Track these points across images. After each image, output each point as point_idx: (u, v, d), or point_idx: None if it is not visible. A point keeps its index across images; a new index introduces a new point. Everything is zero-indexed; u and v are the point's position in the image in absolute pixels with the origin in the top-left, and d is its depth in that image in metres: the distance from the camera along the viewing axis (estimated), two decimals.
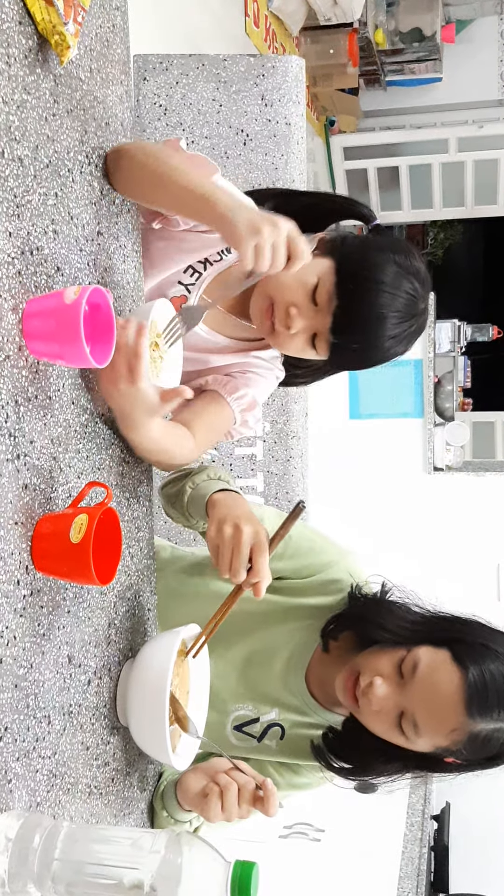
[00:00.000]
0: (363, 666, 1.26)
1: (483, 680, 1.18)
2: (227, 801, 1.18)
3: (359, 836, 3.28)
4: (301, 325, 1.28)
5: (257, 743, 1.40)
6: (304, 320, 1.28)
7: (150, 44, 2.67)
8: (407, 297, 1.27)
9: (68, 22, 0.96)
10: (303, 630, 1.38)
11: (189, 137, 2.12)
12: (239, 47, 4.68)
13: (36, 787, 0.96)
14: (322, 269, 1.27)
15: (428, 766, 1.29)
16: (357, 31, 5.82)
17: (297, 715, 1.38)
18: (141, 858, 0.86)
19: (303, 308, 1.28)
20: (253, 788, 1.18)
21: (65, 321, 0.92)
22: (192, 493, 1.30)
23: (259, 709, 1.39)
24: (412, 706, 1.20)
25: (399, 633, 1.27)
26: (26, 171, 0.95)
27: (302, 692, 1.37)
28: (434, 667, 1.20)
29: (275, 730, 1.39)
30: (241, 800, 1.18)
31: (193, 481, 1.31)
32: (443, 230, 7.88)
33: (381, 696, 1.22)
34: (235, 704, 1.40)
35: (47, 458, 0.99)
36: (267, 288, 1.31)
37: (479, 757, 1.23)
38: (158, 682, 1.11)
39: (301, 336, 1.29)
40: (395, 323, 1.27)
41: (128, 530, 1.24)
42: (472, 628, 1.26)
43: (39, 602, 0.97)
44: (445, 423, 4.54)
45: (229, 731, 1.40)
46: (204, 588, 1.43)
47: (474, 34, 6.68)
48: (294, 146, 2.15)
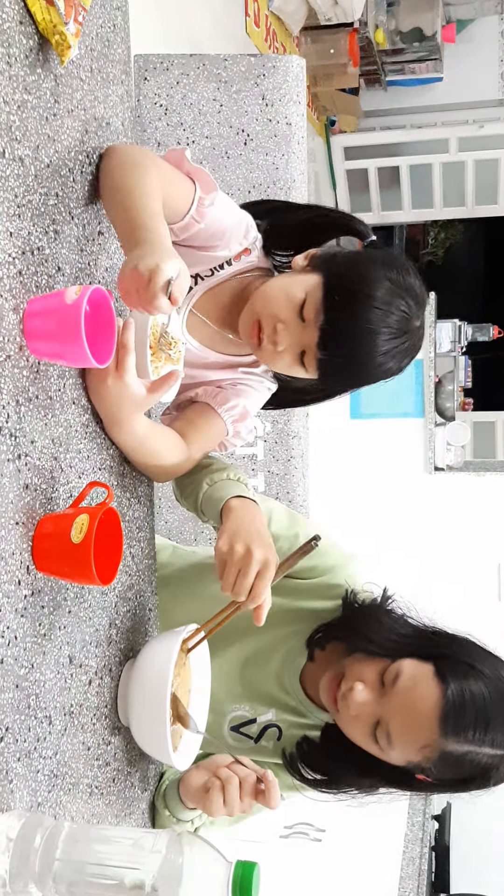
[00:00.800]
0: (347, 670, 1.25)
1: (462, 699, 1.16)
2: (229, 795, 1.18)
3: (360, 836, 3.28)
4: (288, 342, 1.25)
5: (254, 744, 1.40)
6: (291, 336, 1.25)
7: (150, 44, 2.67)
8: (399, 313, 1.22)
9: (69, 22, 0.96)
10: (300, 633, 1.37)
11: (189, 137, 2.12)
12: (239, 47, 4.68)
13: (37, 788, 0.96)
14: (310, 284, 1.24)
15: (400, 783, 1.27)
16: (357, 31, 5.82)
17: (294, 716, 1.38)
18: (142, 858, 0.86)
19: (290, 324, 1.25)
20: (254, 781, 1.19)
21: (66, 321, 0.92)
22: (208, 491, 1.29)
23: (256, 709, 1.39)
24: (388, 716, 1.20)
25: (385, 646, 1.26)
26: (27, 171, 0.95)
27: (297, 693, 1.37)
28: (415, 679, 1.19)
29: (272, 730, 1.39)
30: (243, 793, 1.18)
31: (212, 478, 1.30)
32: (443, 230, 7.88)
33: (360, 702, 1.21)
34: (232, 705, 1.40)
35: (48, 458, 0.99)
36: (255, 304, 1.29)
37: (449, 777, 1.20)
38: (159, 681, 1.11)
39: (289, 353, 1.26)
40: (386, 339, 1.22)
41: (129, 530, 1.24)
42: (461, 645, 1.24)
43: (40, 602, 0.97)
44: (446, 422, 4.54)
45: (226, 731, 1.40)
46: (204, 590, 1.42)
47: (475, 34, 6.68)
48: (295, 146, 2.15)
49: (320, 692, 1.30)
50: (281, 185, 2.15)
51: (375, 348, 1.22)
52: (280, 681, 1.38)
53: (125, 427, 1.14)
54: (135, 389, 1.09)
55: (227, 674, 1.39)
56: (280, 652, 1.38)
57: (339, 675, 1.26)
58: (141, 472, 1.27)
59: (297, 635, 1.38)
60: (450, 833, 3.71)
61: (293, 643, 1.38)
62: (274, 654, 1.38)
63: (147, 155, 1.17)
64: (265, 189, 2.14)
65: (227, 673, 1.39)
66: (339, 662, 1.29)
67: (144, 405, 1.12)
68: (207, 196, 1.23)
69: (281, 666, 1.38)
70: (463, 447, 4.67)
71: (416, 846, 3.25)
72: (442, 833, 3.68)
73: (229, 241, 1.30)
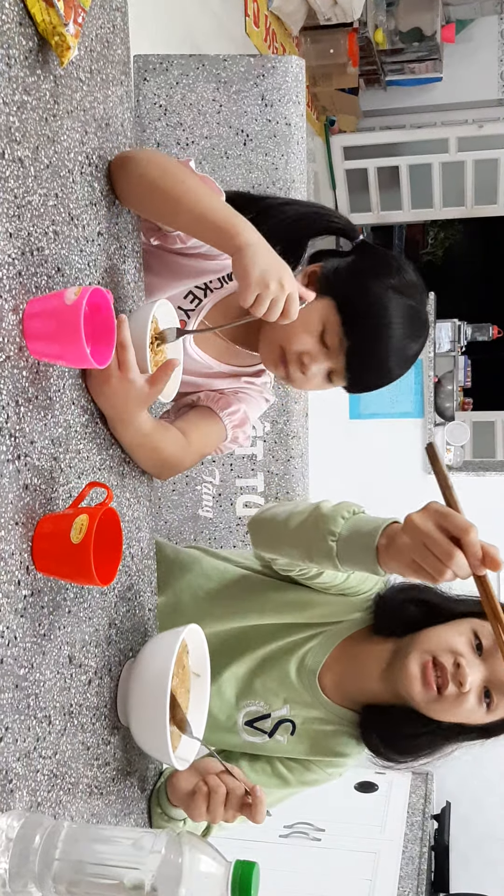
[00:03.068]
0: (436, 650, 1.24)
1: None
2: (213, 803, 1.18)
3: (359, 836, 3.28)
4: (316, 369, 1.31)
5: (268, 738, 1.40)
6: (318, 364, 1.31)
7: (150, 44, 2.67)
8: (411, 313, 1.30)
9: (68, 23, 0.96)
10: (320, 636, 1.38)
11: (189, 138, 2.12)
12: (239, 47, 4.68)
13: (37, 787, 0.96)
14: (325, 312, 1.29)
15: (483, 734, 1.30)
16: (357, 31, 5.82)
17: (308, 711, 1.39)
18: (142, 858, 0.87)
19: (314, 354, 1.30)
20: (241, 794, 1.18)
21: (65, 322, 0.92)
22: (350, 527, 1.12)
23: (271, 704, 1.40)
24: (501, 679, 1.22)
25: (451, 608, 1.30)
26: (27, 172, 0.95)
27: (314, 690, 1.38)
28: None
29: (286, 725, 1.40)
30: (229, 804, 1.18)
31: (350, 510, 1.16)
32: (443, 230, 7.88)
33: (472, 677, 1.21)
34: (247, 700, 1.41)
35: (48, 458, 1.00)
36: (276, 337, 1.32)
37: None
38: (159, 681, 1.11)
39: (318, 377, 1.33)
40: (407, 343, 1.31)
41: (128, 530, 1.24)
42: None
43: (40, 602, 0.97)
44: (446, 422, 4.55)
45: (240, 726, 1.41)
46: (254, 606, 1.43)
47: (474, 34, 6.68)
48: (294, 146, 2.15)
49: (409, 684, 1.24)
50: (280, 185, 2.15)
51: (401, 353, 1.31)
52: (299, 678, 1.38)
53: (133, 424, 1.15)
54: (139, 385, 1.10)
55: (244, 672, 1.41)
56: (300, 651, 1.39)
57: (426, 658, 1.24)
58: (142, 469, 1.27)
59: (317, 637, 1.38)
60: (449, 833, 3.72)
61: (311, 645, 1.38)
62: (293, 653, 1.39)
63: (165, 158, 1.20)
64: (265, 189, 2.14)
65: (244, 671, 1.41)
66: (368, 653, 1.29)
67: (149, 400, 1.13)
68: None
69: (300, 664, 1.38)
70: (462, 447, 4.67)
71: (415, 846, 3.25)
72: (441, 833, 3.68)
73: None
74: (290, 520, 1.20)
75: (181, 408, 1.44)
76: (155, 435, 1.21)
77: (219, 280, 1.35)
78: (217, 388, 1.43)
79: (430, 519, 1.00)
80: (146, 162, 1.16)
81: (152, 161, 1.17)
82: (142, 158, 1.16)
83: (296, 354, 1.31)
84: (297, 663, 1.38)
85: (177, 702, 1.16)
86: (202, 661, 1.25)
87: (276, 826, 3.22)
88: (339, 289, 1.30)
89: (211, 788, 1.18)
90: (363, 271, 1.32)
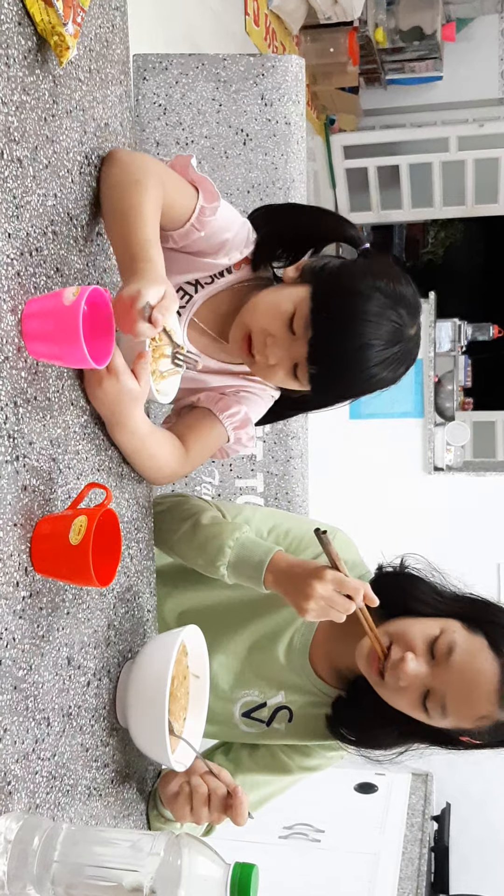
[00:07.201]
0: (393, 638, 1.25)
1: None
2: (195, 803, 1.19)
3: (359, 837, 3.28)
4: (279, 355, 1.24)
5: (266, 727, 1.41)
6: (282, 350, 1.23)
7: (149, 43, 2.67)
8: (390, 323, 1.20)
9: (67, 23, 0.96)
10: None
11: (188, 137, 2.12)
12: (239, 46, 4.68)
13: (35, 789, 0.96)
14: (298, 296, 1.22)
15: (442, 743, 1.30)
16: (357, 30, 5.81)
17: (303, 695, 1.39)
18: (140, 860, 0.86)
19: (280, 337, 1.23)
20: (223, 795, 1.19)
21: (64, 322, 0.92)
22: (238, 547, 1.30)
23: (265, 693, 1.40)
24: (443, 688, 1.21)
25: (432, 605, 1.28)
26: (25, 172, 0.95)
27: (307, 672, 1.38)
28: (472, 653, 1.21)
29: (283, 713, 1.40)
30: (211, 805, 1.19)
31: (240, 532, 1.32)
32: (443, 229, 7.87)
33: (413, 674, 1.21)
34: (242, 691, 1.41)
35: (46, 459, 0.99)
36: (244, 317, 1.28)
37: (495, 740, 1.25)
38: (158, 683, 1.11)
39: (281, 366, 1.25)
40: (379, 350, 1.20)
41: (127, 531, 1.24)
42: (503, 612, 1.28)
43: (39, 604, 0.97)
44: (446, 422, 4.54)
45: (238, 718, 1.42)
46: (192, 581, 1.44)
47: (475, 32, 6.67)
48: (294, 145, 2.15)
49: (358, 661, 1.27)
50: (280, 184, 2.14)
51: (368, 360, 1.20)
52: (288, 661, 1.38)
53: (128, 426, 1.14)
54: (128, 384, 1.09)
55: (235, 661, 1.41)
56: (286, 633, 1.39)
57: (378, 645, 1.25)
58: (139, 474, 1.27)
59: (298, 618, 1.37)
60: (449, 834, 3.72)
61: (299, 622, 1.38)
62: (280, 636, 1.39)
63: (147, 168, 1.15)
64: (264, 189, 2.13)
65: (235, 660, 1.41)
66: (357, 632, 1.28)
67: (141, 398, 1.12)
68: (209, 205, 1.23)
69: (288, 646, 1.38)
70: (462, 447, 4.66)
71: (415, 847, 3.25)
72: (441, 834, 3.68)
73: (230, 250, 1.30)
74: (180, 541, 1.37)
75: (182, 408, 1.44)
76: (151, 441, 1.20)
77: (210, 277, 1.35)
78: (216, 385, 1.42)
79: (330, 585, 1.19)
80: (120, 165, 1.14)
81: (125, 165, 1.14)
82: (119, 161, 1.14)
83: (261, 335, 1.24)
84: (286, 645, 1.39)
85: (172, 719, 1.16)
86: (201, 662, 1.25)
87: (276, 827, 3.22)
88: (322, 280, 1.24)
89: (193, 789, 1.20)
90: (353, 266, 1.28)
